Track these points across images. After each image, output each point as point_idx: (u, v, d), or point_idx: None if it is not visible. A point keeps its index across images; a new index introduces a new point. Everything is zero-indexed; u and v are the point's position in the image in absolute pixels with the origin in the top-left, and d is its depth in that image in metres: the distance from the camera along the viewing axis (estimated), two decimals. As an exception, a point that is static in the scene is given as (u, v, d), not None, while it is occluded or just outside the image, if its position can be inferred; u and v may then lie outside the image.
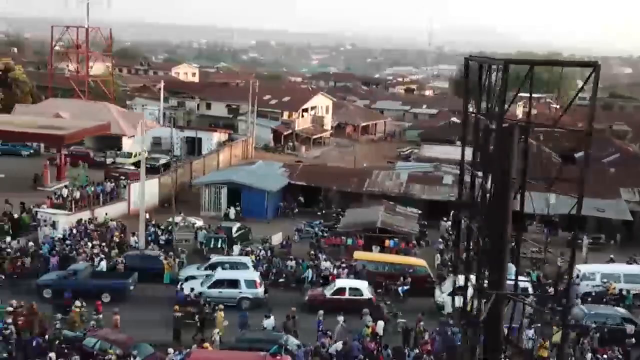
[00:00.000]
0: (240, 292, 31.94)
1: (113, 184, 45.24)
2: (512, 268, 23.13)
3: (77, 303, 28.12)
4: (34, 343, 26.06)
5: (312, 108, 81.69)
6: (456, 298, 25.22)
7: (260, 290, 32.29)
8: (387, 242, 38.38)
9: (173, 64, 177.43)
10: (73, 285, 31.67)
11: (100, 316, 27.79)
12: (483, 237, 20.63)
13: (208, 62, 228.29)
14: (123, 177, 46.88)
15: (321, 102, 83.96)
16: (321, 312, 28.16)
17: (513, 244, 22.62)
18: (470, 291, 22.20)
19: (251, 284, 32.29)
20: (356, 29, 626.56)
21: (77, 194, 42.47)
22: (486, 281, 21.53)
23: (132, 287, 32.96)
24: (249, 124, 67.32)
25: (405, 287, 33.39)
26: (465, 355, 22.50)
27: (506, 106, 18.85)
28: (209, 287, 31.97)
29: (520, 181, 20.76)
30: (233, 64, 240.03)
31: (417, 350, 26.65)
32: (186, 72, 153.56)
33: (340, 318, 27.78)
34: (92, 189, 43.88)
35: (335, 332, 27.17)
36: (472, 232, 22.58)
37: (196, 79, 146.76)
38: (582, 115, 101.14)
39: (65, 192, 42.50)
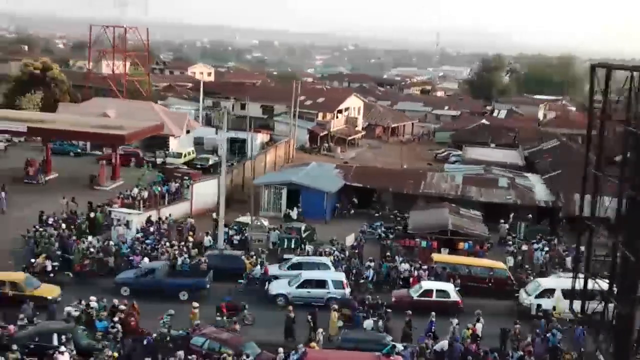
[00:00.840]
0: (328, 292, 32.34)
1: (177, 184, 45.58)
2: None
3: (195, 304, 28.47)
4: (145, 342, 26.37)
5: (346, 109, 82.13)
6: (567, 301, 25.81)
7: (347, 291, 32.66)
8: (462, 245, 38.76)
9: (184, 63, 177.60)
10: (151, 284, 32.22)
11: (225, 318, 28.13)
12: (621, 244, 20.98)
13: (214, 61, 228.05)
14: (187, 178, 47.20)
15: (354, 104, 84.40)
16: (433, 313, 28.52)
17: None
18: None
19: (339, 284, 32.67)
20: (356, 29, 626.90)
21: (145, 194, 42.81)
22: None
23: (208, 286, 33.31)
24: (291, 126, 67.43)
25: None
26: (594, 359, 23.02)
27: None
28: (297, 287, 32.40)
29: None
30: (239, 64, 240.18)
31: (520, 352, 27.03)
32: (202, 72, 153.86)
33: (455, 320, 28.17)
34: (159, 188, 44.28)
35: (449, 332, 27.61)
36: (592, 237, 23.07)
37: (212, 79, 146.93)
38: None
39: (135, 191, 42.83)
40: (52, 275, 33.30)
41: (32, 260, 33.82)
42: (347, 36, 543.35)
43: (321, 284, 32.62)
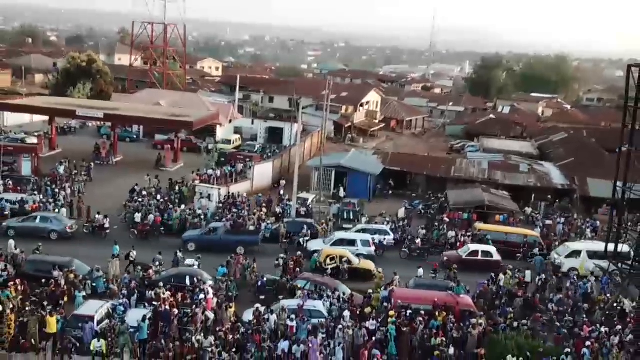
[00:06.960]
0: (357, 250, 38.09)
1: (243, 165, 51.81)
2: None
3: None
4: (260, 283, 32.75)
5: (367, 103, 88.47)
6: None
7: (372, 249, 38.70)
8: (498, 217, 45.31)
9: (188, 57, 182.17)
10: (213, 240, 38.17)
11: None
12: None
13: (210, 56, 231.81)
14: (249, 160, 53.33)
15: (373, 98, 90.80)
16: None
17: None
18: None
19: (366, 243, 38.69)
20: (343, 26, 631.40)
21: (218, 173, 49.01)
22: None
23: (259, 242, 38.98)
24: (324, 118, 73.34)
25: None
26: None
27: None
28: (332, 245, 38.01)
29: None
30: (236, 59, 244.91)
31: (560, 296, 33.58)
32: (210, 66, 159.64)
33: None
34: (229, 168, 50.53)
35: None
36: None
37: (219, 73, 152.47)
38: (605, 115, 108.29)
39: (211, 171, 49.02)
40: (108, 231, 38.86)
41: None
42: (333, 32, 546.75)
43: (351, 242, 38.49)
